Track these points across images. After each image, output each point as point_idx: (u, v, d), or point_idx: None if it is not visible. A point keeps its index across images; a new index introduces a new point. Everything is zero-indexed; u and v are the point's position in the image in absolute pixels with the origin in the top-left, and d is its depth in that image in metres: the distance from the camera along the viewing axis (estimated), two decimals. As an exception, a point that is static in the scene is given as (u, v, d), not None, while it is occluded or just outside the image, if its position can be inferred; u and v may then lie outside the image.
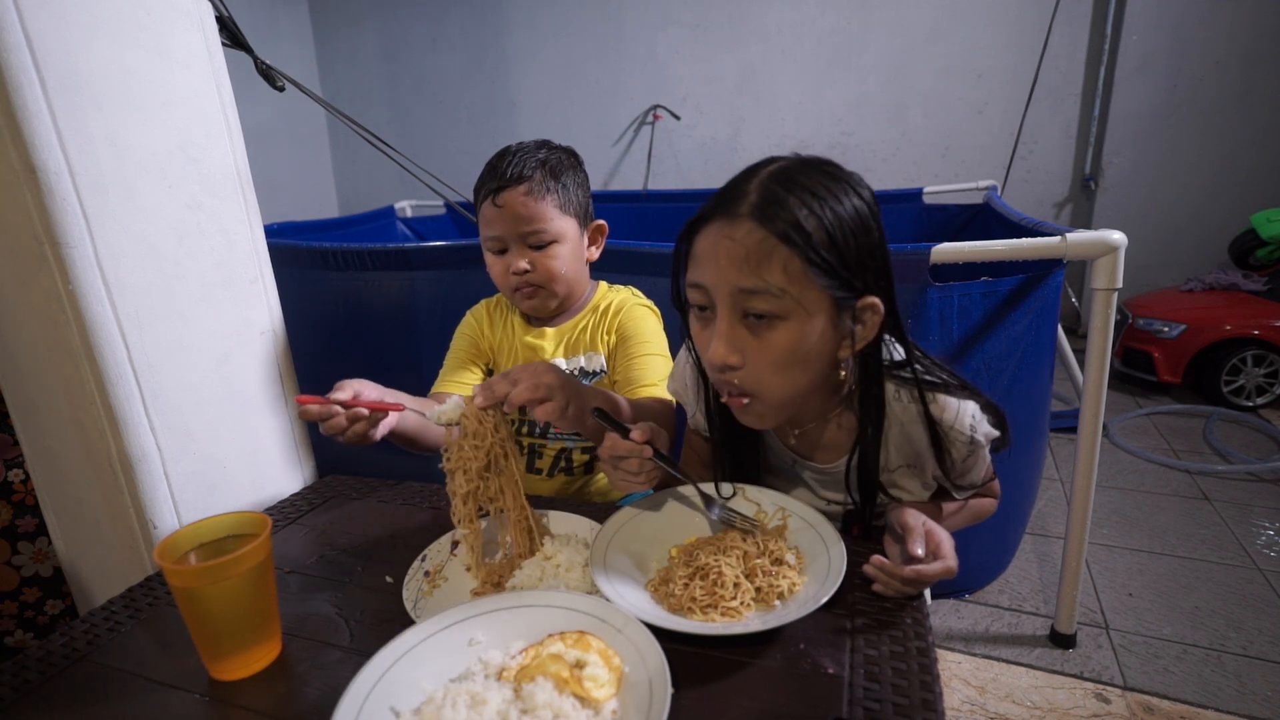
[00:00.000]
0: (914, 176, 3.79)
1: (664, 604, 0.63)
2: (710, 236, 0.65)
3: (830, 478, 0.81)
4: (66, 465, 0.85)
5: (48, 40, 0.70)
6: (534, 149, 1.02)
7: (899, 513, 0.69)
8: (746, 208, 0.63)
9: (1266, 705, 1.29)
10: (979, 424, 0.73)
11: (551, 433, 1.09)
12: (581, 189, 1.04)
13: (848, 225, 0.63)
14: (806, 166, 0.66)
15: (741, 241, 0.62)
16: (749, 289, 0.62)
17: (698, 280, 0.66)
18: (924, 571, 0.61)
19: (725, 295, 0.64)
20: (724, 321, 0.65)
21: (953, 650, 1.49)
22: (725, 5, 4.05)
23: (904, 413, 0.74)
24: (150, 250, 0.82)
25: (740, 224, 0.62)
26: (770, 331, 0.64)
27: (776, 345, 0.64)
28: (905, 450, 0.76)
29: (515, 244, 1.00)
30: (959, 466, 0.76)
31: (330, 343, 1.81)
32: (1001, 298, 1.37)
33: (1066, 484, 2.15)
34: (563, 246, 1.01)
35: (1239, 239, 3.06)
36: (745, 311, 0.64)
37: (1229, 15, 3.16)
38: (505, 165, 0.98)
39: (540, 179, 0.98)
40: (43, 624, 0.98)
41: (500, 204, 0.97)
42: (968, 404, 0.73)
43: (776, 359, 0.65)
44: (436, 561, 0.73)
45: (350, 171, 5.32)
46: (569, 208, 1.01)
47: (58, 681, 0.59)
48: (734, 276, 0.63)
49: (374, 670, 0.52)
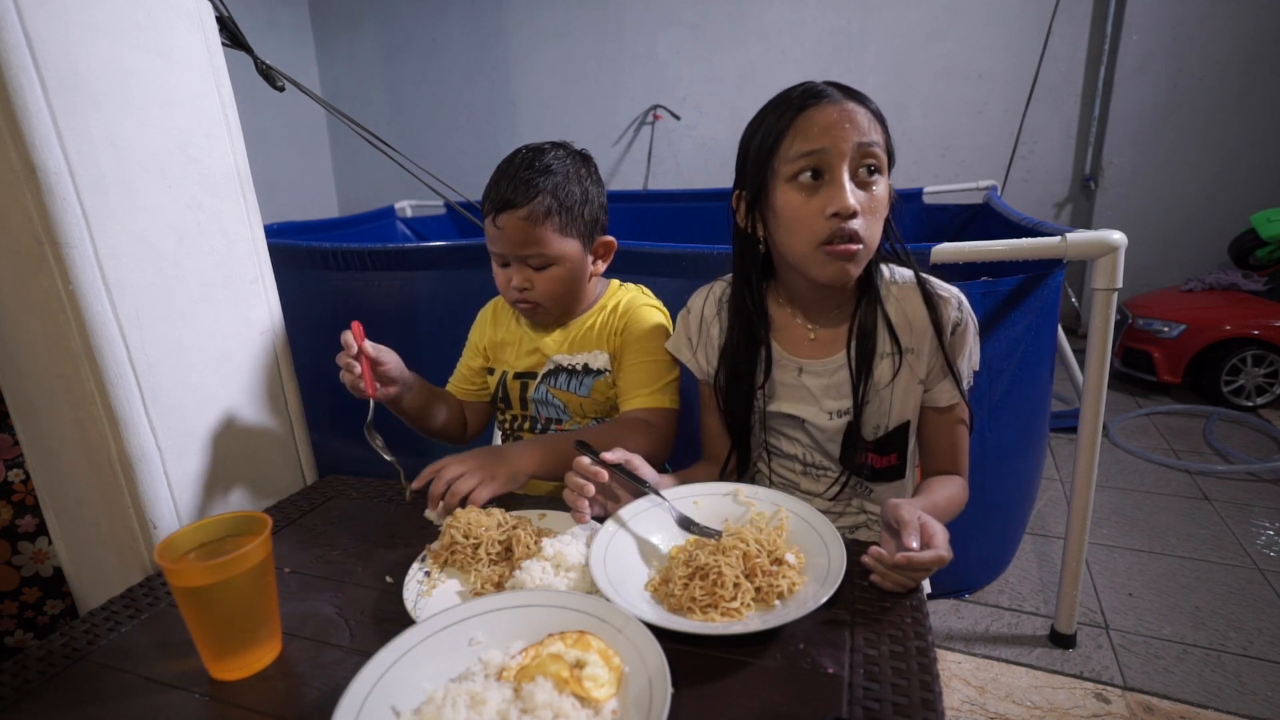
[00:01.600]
0: (914, 176, 3.79)
1: (664, 604, 0.63)
2: (827, 111, 0.77)
3: (832, 380, 0.89)
4: (66, 465, 0.85)
5: (48, 40, 0.70)
6: (541, 165, 0.96)
7: (894, 507, 0.69)
8: (840, 94, 0.78)
9: (1266, 705, 1.29)
10: (965, 302, 0.86)
11: (553, 429, 1.09)
12: (589, 206, 1.00)
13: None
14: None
15: (855, 111, 0.77)
16: (868, 143, 0.77)
17: (815, 148, 0.77)
18: (914, 558, 0.62)
19: (849, 153, 0.77)
20: (849, 177, 0.77)
21: (953, 650, 1.49)
22: (725, 5, 4.05)
23: (899, 291, 0.87)
24: (150, 250, 0.82)
25: (848, 102, 0.78)
26: (874, 185, 0.79)
27: (879, 197, 0.79)
28: (903, 328, 0.86)
29: (515, 262, 0.99)
30: (953, 337, 0.85)
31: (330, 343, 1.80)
32: (1001, 298, 1.37)
33: (1066, 484, 2.15)
34: (562, 268, 0.99)
35: (1239, 239, 3.06)
36: (858, 167, 0.78)
37: (1229, 15, 3.16)
38: (504, 185, 0.95)
39: (540, 203, 0.94)
40: (43, 624, 0.98)
41: (500, 225, 0.96)
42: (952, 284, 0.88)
43: (878, 209, 0.80)
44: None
45: (350, 171, 5.33)
46: (571, 229, 0.98)
47: (58, 681, 0.59)
48: (857, 135, 0.76)
49: (374, 670, 0.52)
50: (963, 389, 0.87)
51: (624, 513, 0.75)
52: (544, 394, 1.07)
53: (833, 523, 0.71)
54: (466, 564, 0.71)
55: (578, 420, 1.07)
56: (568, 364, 1.05)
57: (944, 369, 0.86)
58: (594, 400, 1.05)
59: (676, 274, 1.43)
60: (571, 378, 1.05)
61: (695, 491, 0.79)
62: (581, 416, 1.07)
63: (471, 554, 0.71)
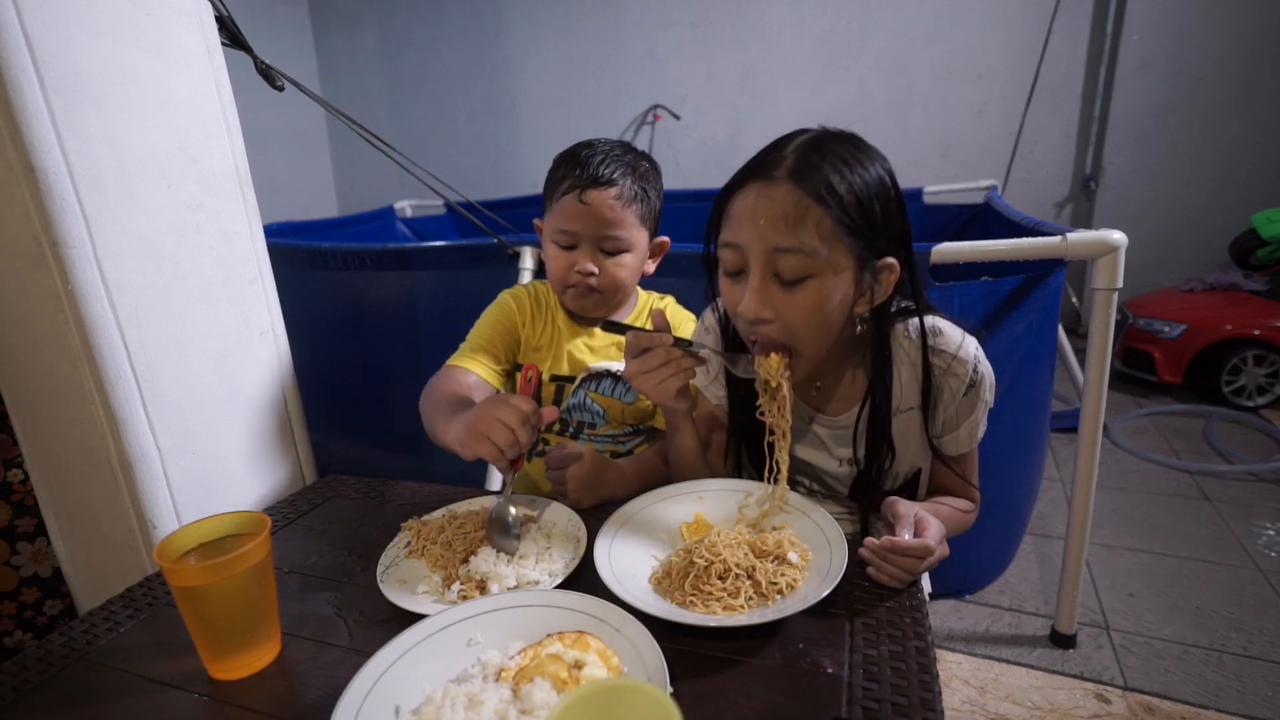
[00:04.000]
0: (914, 176, 3.78)
1: (667, 597, 0.63)
2: (749, 197, 0.69)
3: (842, 431, 0.83)
4: (66, 465, 0.85)
5: (48, 40, 0.70)
6: (623, 152, 0.97)
7: (892, 503, 0.70)
8: (784, 171, 0.67)
9: (1267, 705, 1.29)
10: (982, 362, 0.76)
11: (585, 434, 1.06)
12: (660, 200, 1.02)
13: (873, 190, 0.68)
14: (835, 137, 0.70)
15: (779, 201, 0.66)
16: (784, 247, 0.67)
17: (733, 240, 0.70)
18: (899, 544, 0.63)
19: (760, 253, 0.68)
20: (756, 278, 0.69)
21: (953, 650, 1.48)
22: (725, 5, 4.05)
23: (911, 348, 0.78)
24: (150, 250, 0.82)
25: (778, 185, 0.67)
26: (800, 289, 0.69)
27: (804, 301, 0.69)
28: (914, 388, 0.78)
29: (587, 244, 0.97)
30: (957, 402, 0.77)
31: (330, 343, 1.81)
32: (1002, 297, 1.37)
33: (1067, 484, 2.15)
34: (633, 256, 0.99)
35: (1239, 239, 3.06)
36: (777, 271, 0.69)
37: (1229, 15, 3.16)
38: (598, 162, 0.94)
39: (631, 185, 0.95)
40: (42, 624, 0.98)
41: (587, 201, 0.93)
42: (970, 340, 0.77)
43: (804, 313, 0.69)
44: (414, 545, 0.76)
45: (350, 171, 5.33)
46: (647, 220, 0.99)
47: (57, 682, 0.59)
48: (771, 235, 0.67)
49: (373, 670, 0.52)
50: (975, 439, 0.82)
51: (628, 507, 0.75)
52: (582, 398, 1.04)
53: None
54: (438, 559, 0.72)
55: (614, 427, 1.05)
56: (615, 370, 1.03)
57: (956, 423, 0.80)
58: (636, 407, 1.04)
59: (678, 274, 1.42)
60: (618, 383, 1.03)
61: (702, 487, 0.80)
62: (620, 423, 1.05)
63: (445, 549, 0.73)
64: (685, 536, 0.73)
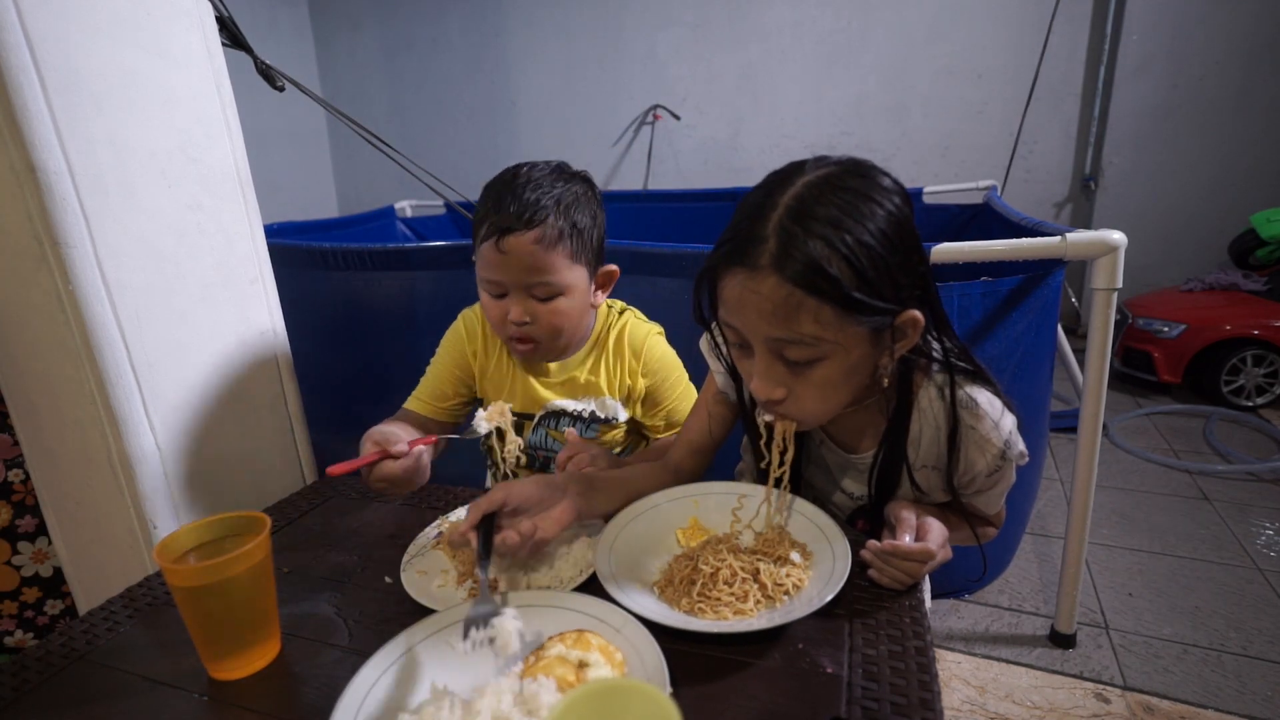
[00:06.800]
0: (914, 176, 3.78)
1: (673, 604, 0.63)
2: (735, 287, 0.61)
3: (853, 467, 0.80)
4: (66, 465, 0.85)
5: (48, 40, 0.70)
6: (549, 181, 0.87)
7: (895, 506, 0.70)
8: (767, 258, 0.58)
9: (1267, 705, 1.29)
10: (1015, 440, 0.70)
11: (553, 467, 0.98)
12: (597, 230, 0.92)
13: (876, 251, 0.58)
14: (824, 190, 0.59)
15: (769, 297, 0.59)
16: (782, 339, 0.61)
17: (731, 323, 0.65)
18: (900, 547, 0.62)
19: (760, 341, 0.63)
20: (762, 362, 0.64)
21: (953, 650, 1.48)
22: (725, 5, 4.05)
23: (939, 408, 0.72)
24: (150, 250, 0.82)
25: (763, 278, 0.59)
26: (810, 369, 0.63)
27: (817, 379, 0.63)
28: (935, 452, 0.73)
29: (517, 291, 0.88)
30: (980, 480, 0.73)
31: (330, 343, 1.81)
32: (1001, 298, 1.37)
33: (1066, 484, 2.15)
34: (569, 299, 0.90)
35: (1239, 239, 3.06)
36: (782, 352, 0.63)
37: (1229, 15, 3.16)
38: (514, 201, 0.85)
39: (554, 224, 0.85)
40: (42, 624, 0.98)
41: (505, 249, 0.85)
42: (1009, 417, 0.71)
43: (819, 390, 0.64)
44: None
45: (350, 171, 5.32)
46: (582, 256, 0.90)
47: (57, 681, 0.59)
48: (765, 329, 0.61)
49: (373, 670, 0.52)
50: (1003, 498, 0.78)
51: (624, 515, 0.75)
52: (542, 435, 1.01)
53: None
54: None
55: None
56: (572, 409, 0.99)
57: (988, 488, 0.76)
58: (598, 442, 1.00)
59: (677, 274, 1.43)
60: (576, 421, 0.99)
61: (696, 490, 0.79)
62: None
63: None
64: (682, 541, 0.73)
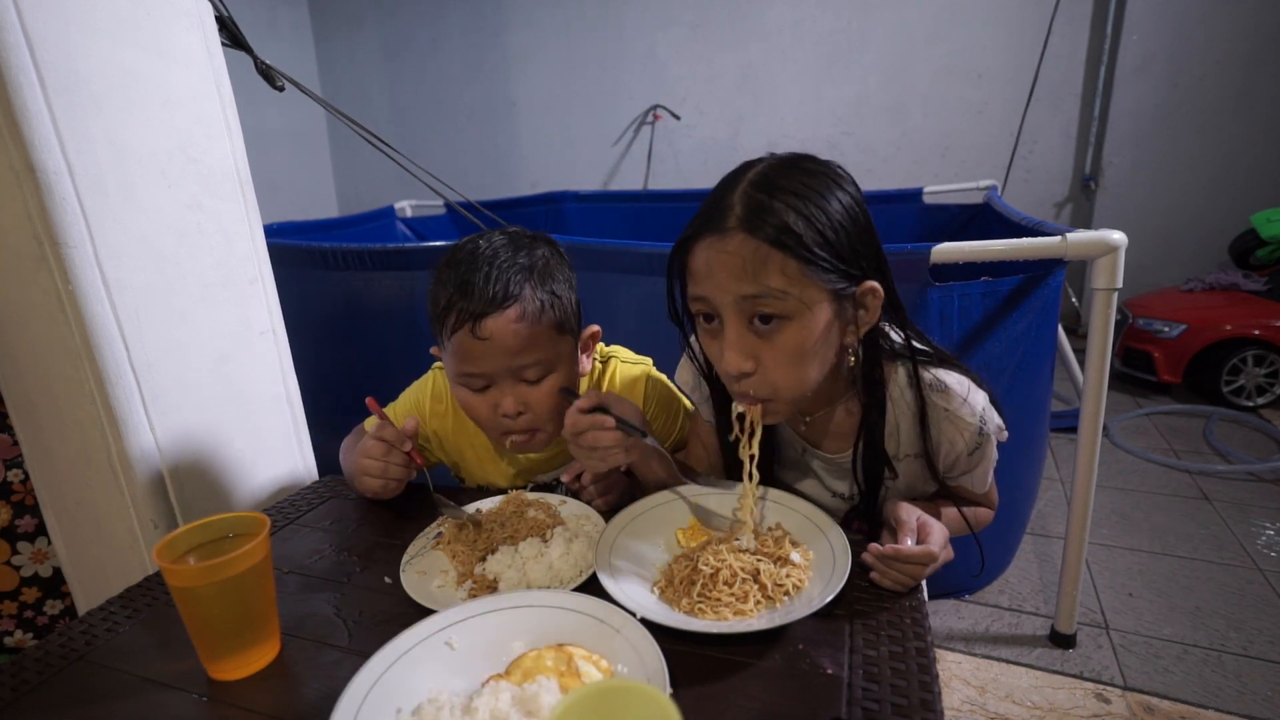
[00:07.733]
0: (914, 176, 3.78)
1: (673, 605, 0.63)
2: (704, 253, 0.65)
3: (838, 467, 0.82)
4: (66, 465, 0.85)
5: (48, 40, 0.70)
6: (511, 250, 0.79)
7: (894, 507, 0.70)
8: (734, 220, 0.63)
9: (1267, 705, 1.29)
10: (990, 415, 0.73)
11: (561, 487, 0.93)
12: (573, 291, 0.84)
13: (835, 218, 0.64)
14: (785, 167, 0.66)
15: (736, 253, 0.62)
16: (752, 295, 0.63)
17: (700, 294, 0.67)
18: (902, 551, 0.62)
19: (730, 304, 0.65)
20: (732, 330, 0.66)
21: (953, 650, 1.48)
22: (725, 5, 4.05)
23: (910, 399, 0.74)
24: (150, 250, 0.82)
25: (730, 237, 0.63)
26: (778, 333, 0.65)
27: (786, 345, 0.65)
28: (913, 438, 0.76)
29: (504, 380, 0.80)
30: (964, 461, 0.75)
31: (330, 343, 1.81)
32: (1002, 298, 1.37)
33: (1066, 484, 2.15)
34: (561, 375, 0.82)
35: (1239, 239, 3.06)
36: (751, 316, 0.65)
37: (1229, 15, 3.16)
38: (481, 280, 0.76)
39: (532, 297, 0.77)
40: (42, 624, 0.98)
41: (484, 335, 0.75)
42: (978, 393, 0.73)
43: (788, 358, 0.66)
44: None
45: (350, 171, 5.32)
46: (567, 323, 0.82)
47: (56, 681, 0.59)
48: (734, 286, 0.63)
49: (373, 670, 0.52)
50: (989, 477, 0.80)
51: (623, 515, 0.75)
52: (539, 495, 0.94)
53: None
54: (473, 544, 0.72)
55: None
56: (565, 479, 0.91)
57: (969, 468, 0.77)
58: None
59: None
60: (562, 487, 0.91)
61: (699, 490, 0.80)
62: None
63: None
64: (682, 542, 0.73)
